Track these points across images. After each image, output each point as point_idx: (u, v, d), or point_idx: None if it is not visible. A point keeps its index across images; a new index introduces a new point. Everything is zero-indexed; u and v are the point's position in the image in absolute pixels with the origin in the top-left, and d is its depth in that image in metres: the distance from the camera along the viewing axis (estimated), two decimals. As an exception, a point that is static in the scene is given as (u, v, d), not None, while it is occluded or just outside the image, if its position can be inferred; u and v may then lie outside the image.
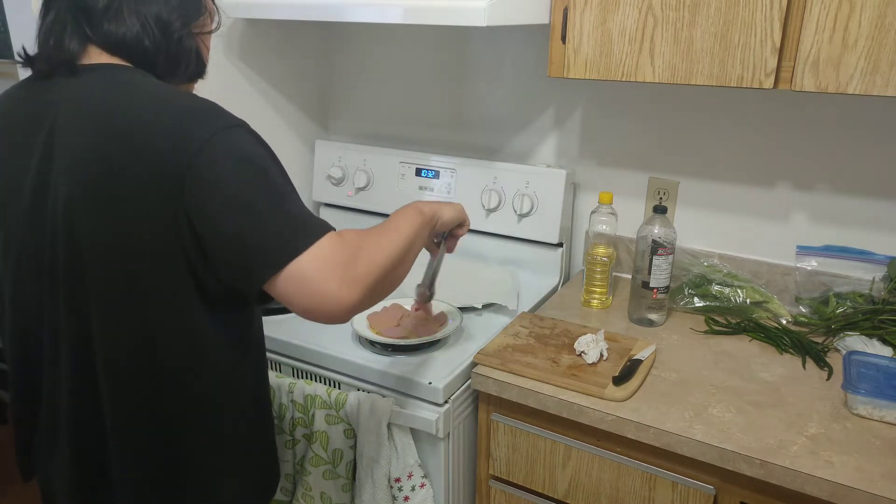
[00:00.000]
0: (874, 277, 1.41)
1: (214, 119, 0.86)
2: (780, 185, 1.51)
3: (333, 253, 0.84)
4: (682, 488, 1.13)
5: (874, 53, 1.07)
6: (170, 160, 0.82)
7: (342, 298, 0.83)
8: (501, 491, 1.33)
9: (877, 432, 1.09)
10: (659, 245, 1.40)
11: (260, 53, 1.77)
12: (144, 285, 0.88)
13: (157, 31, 0.91)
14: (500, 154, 1.83)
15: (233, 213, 0.82)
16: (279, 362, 1.39)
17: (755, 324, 1.43)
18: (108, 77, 0.89)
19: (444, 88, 1.85)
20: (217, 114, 0.87)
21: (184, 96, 0.90)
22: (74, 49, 0.89)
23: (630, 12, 1.23)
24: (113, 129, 0.85)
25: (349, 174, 1.91)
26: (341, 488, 1.31)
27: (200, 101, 0.89)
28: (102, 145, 0.84)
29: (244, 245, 0.83)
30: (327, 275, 0.83)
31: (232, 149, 0.84)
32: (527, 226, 1.68)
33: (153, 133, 0.83)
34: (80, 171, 0.86)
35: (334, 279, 0.83)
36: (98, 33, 0.90)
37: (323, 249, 0.83)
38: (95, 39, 0.90)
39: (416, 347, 1.32)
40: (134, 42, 0.90)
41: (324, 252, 0.83)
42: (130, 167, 0.83)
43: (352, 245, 0.87)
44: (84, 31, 0.89)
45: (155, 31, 0.91)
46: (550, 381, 1.21)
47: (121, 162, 0.83)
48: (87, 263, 0.88)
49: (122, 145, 0.84)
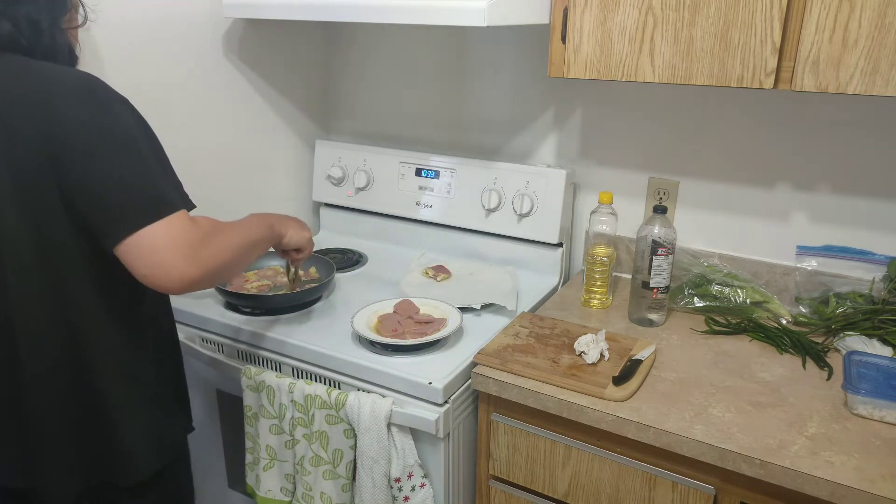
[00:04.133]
0: (874, 277, 1.41)
1: (92, 93, 0.95)
2: (780, 185, 1.51)
3: (183, 231, 0.96)
4: (682, 488, 1.13)
5: (874, 53, 1.07)
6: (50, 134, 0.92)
7: (183, 273, 0.95)
8: (501, 491, 1.33)
9: (877, 432, 1.09)
10: (659, 245, 1.40)
11: (260, 53, 1.77)
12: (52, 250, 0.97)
13: (29, 31, 0.99)
14: (500, 154, 1.83)
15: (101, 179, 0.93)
16: (279, 362, 1.39)
17: (755, 324, 1.43)
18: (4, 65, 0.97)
19: (443, 88, 1.85)
20: (98, 89, 0.96)
21: (67, 73, 0.97)
22: None
23: (630, 12, 1.23)
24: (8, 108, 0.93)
25: (349, 174, 1.91)
26: (341, 488, 1.31)
27: (81, 77, 0.97)
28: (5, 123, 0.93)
29: (102, 210, 0.94)
30: (174, 249, 0.94)
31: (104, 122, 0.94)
32: (527, 226, 1.68)
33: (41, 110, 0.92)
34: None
35: (180, 255, 0.94)
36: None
37: (174, 226, 0.95)
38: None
39: (416, 347, 1.32)
40: (9, 41, 0.98)
41: (174, 228, 0.95)
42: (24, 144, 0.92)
43: (203, 230, 1.00)
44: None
45: (26, 30, 0.99)
46: (550, 381, 1.21)
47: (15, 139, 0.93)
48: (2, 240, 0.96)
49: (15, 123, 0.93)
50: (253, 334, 1.42)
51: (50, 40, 1.01)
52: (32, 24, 0.99)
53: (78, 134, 0.93)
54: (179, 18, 1.56)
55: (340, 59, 1.99)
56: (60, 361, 1.02)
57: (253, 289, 1.54)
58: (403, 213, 1.85)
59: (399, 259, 1.80)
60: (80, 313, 1.02)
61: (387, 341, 1.31)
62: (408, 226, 1.86)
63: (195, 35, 1.60)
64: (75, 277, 1.00)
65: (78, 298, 1.01)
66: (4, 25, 0.97)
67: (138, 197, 0.94)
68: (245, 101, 1.77)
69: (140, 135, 0.98)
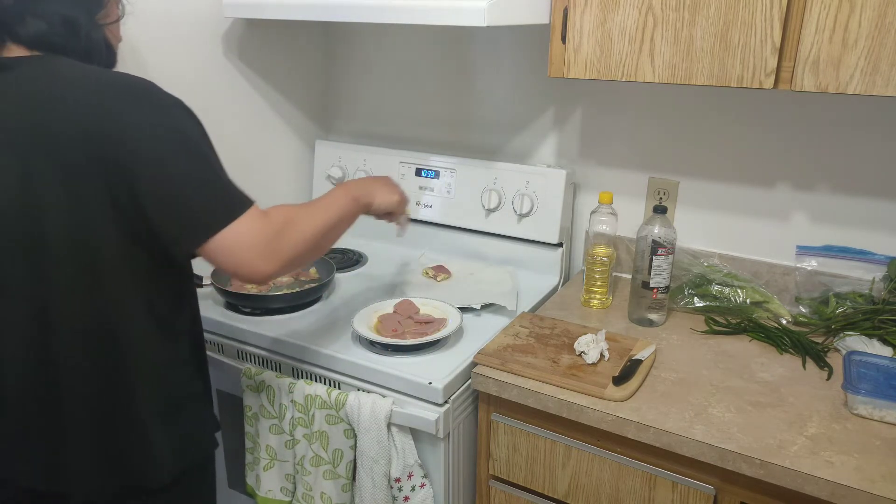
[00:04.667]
0: (874, 277, 1.41)
1: (152, 98, 0.94)
2: (780, 185, 1.51)
3: (255, 228, 0.97)
4: (682, 488, 1.13)
5: (874, 53, 1.07)
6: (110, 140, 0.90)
7: (264, 270, 0.98)
8: (501, 491, 1.33)
9: (877, 432, 1.09)
10: (659, 245, 1.40)
11: (260, 53, 1.77)
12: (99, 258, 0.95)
13: (64, 29, 0.96)
14: (500, 154, 1.83)
15: (170, 186, 0.92)
16: (279, 362, 1.39)
17: (755, 324, 1.43)
18: (42, 66, 0.94)
19: (443, 88, 1.85)
20: (155, 94, 0.95)
21: (120, 77, 0.96)
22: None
23: (630, 12, 1.23)
24: (58, 113, 0.91)
25: (349, 174, 1.91)
26: (341, 488, 1.31)
27: (136, 81, 0.95)
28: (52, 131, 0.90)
29: (180, 215, 0.94)
30: (252, 247, 0.97)
31: (168, 126, 0.93)
32: (527, 226, 1.68)
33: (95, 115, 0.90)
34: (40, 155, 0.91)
35: (255, 252, 0.97)
36: (11, 34, 0.95)
37: (248, 224, 0.96)
38: (11, 39, 0.95)
39: (416, 347, 1.32)
40: (45, 40, 0.95)
41: (248, 226, 0.96)
42: (76, 149, 0.90)
43: (276, 223, 1.00)
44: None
45: (61, 28, 0.96)
46: (550, 381, 1.21)
47: (68, 145, 0.90)
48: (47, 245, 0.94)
49: (68, 129, 0.90)
50: (253, 334, 1.42)
51: (86, 39, 0.99)
52: (67, 22, 0.96)
53: (143, 140, 0.91)
54: (179, 18, 1.56)
55: (340, 59, 1.99)
56: (96, 365, 1.00)
57: (253, 289, 1.54)
58: (403, 213, 1.85)
59: (399, 259, 1.80)
60: (119, 318, 1.00)
61: (387, 341, 1.31)
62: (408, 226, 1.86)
63: (195, 35, 1.60)
64: (118, 282, 0.98)
65: (119, 303, 0.99)
66: (38, 25, 0.94)
67: (215, 198, 0.96)
68: (245, 101, 1.77)
69: (201, 136, 0.97)
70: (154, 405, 1.06)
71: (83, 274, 0.96)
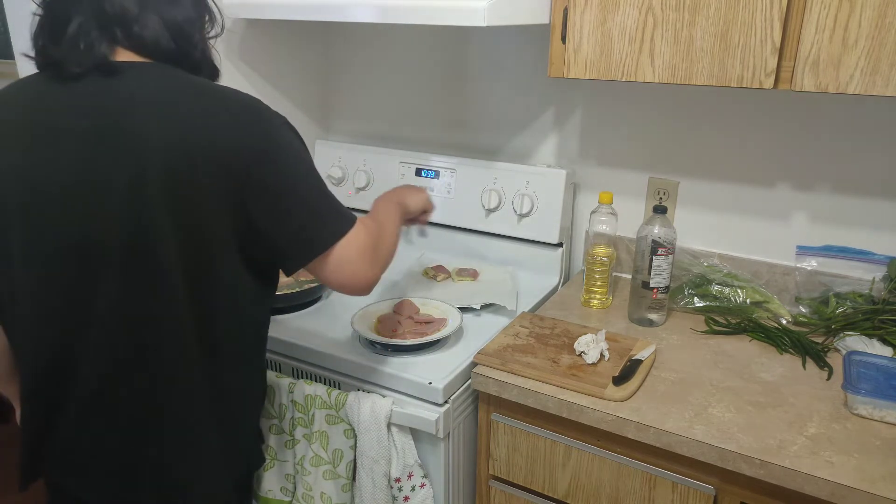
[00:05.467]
0: (874, 277, 1.41)
1: (268, 116, 0.96)
2: (780, 185, 1.51)
3: (363, 239, 1.01)
4: (682, 488, 1.13)
5: (874, 53, 1.07)
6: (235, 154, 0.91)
7: (371, 276, 1.03)
8: (501, 491, 1.33)
9: (877, 432, 1.09)
10: (659, 245, 1.40)
11: (260, 53, 1.77)
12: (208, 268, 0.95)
13: (182, 39, 0.96)
14: (500, 154, 1.83)
15: (289, 203, 0.95)
16: (279, 362, 1.39)
17: (755, 324, 1.43)
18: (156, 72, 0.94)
19: (444, 88, 1.85)
20: (268, 111, 0.97)
21: (233, 92, 0.97)
22: (105, 52, 0.92)
23: (630, 12, 1.23)
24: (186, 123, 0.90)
25: (349, 174, 1.91)
26: (341, 488, 1.31)
27: (252, 100, 0.97)
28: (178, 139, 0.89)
29: (297, 232, 0.97)
30: (361, 257, 1.01)
31: (285, 143, 0.96)
32: (527, 226, 1.68)
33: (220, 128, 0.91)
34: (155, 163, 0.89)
35: (366, 261, 1.01)
36: (129, 38, 0.93)
37: (357, 236, 1.00)
38: (126, 43, 0.93)
39: (416, 347, 1.32)
40: (163, 48, 0.95)
41: (357, 238, 1.00)
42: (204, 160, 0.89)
43: (373, 233, 1.05)
44: (114, 35, 0.93)
45: (179, 38, 0.96)
46: (550, 381, 1.21)
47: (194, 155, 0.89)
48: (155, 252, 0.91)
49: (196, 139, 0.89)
50: (253, 334, 1.42)
51: (201, 53, 1.00)
52: (186, 34, 0.97)
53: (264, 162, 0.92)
54: (179, 18, 1.56)
55: (340, 59, 1.99)
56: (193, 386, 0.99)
57: None
58: (403, 213, 1.85)
59: (399, 259, 1.79)
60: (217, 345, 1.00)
61: (387, 341, 1.31)
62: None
63: (195, 35, 1.60)
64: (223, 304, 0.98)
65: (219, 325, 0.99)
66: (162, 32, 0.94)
67: (329, 214, 0.99)
68: (245, 101, 1.77)
69: (307, 153, 1.00)
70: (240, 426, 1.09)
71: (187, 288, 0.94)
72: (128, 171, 0.89)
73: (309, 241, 0.97)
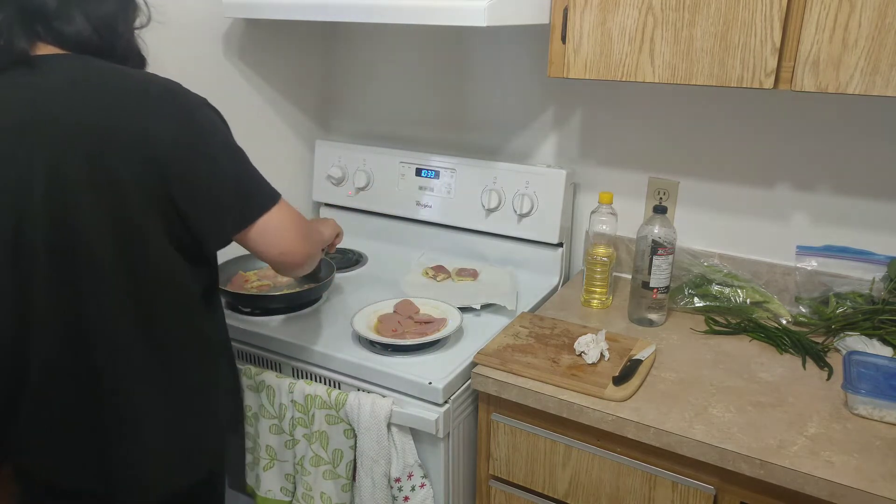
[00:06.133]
0: (874, 277, 1.41)
1: (187, 99, 0.98)
2: (780, 185, 1.51)
3: (292, 212, 1.05)
4: (682, 488, 1.13)
5: (874, 53, 1.07)
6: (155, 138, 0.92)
7: (307, 248, 1.06)
8: (501, 491, 1.33)
9: (877, 432, 1.09)
10: (659, 245, 1.40)
11: (260, 53, 1.77)
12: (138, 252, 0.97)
13: (107, 32, 0.98)
14: (500, 154, 1.83)
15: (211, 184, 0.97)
16: (279, 362, 1.39)
17: (755, 324, 1.43)
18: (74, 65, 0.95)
19: (444, 88, 1.85)
20: (187, 94, 0.98)
21: (150, 77, 0.98)
22: (24, 47, 0.94)
23: (630, 12, 1.23)
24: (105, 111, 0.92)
25: (349, 174, 1.91)
26: (341, 488, 1.31)
27: (170, 83, 0.98)
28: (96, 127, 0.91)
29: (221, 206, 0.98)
30: (293, 227, 1.04)
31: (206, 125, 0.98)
32: (527, 226, 1.68)
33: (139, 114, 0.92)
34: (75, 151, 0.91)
35: (295, 234, 1.04)
36: (50, 33, 0.95)
37: (283, 209, 1.03)
38: (47, 38, 0.95)
39: (416, 347, 1.32)
40: (85, 41, 0.96)
41: (284, 211, 1.04)
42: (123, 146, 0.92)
43: (301, 215, 1.08)
44: (35, 31, 0.95)
45: (103, 31, 0.97)
46: (550, 381, 1.21)
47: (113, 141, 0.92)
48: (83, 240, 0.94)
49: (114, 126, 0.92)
50: (253, 334, 1.42)
51: (126, 43, 1.02)
52: (110, 26, 0.98)
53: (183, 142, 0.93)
54: (179, 18, 1.56)
55: (340, 59, 1.99)
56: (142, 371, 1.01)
57: (253, 289, 1.54)
58: (403, 213, 1.85)
59: (399, 259, 1.80)
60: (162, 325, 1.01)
61: (387, 341, 1.31)
62: (408, 226, 1.86)
63: (195, 35, 1.60)
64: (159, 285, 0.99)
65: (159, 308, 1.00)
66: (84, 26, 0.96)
67: (253, 188, 1.01)
68: (245, 101, 1.77)
69: (229, 132, 1.02)
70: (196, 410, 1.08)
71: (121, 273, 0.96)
72: (48, 161, 0.92)
73: (235, 216, 0.99)
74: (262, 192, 1.02)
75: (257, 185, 1.02)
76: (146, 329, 1.00)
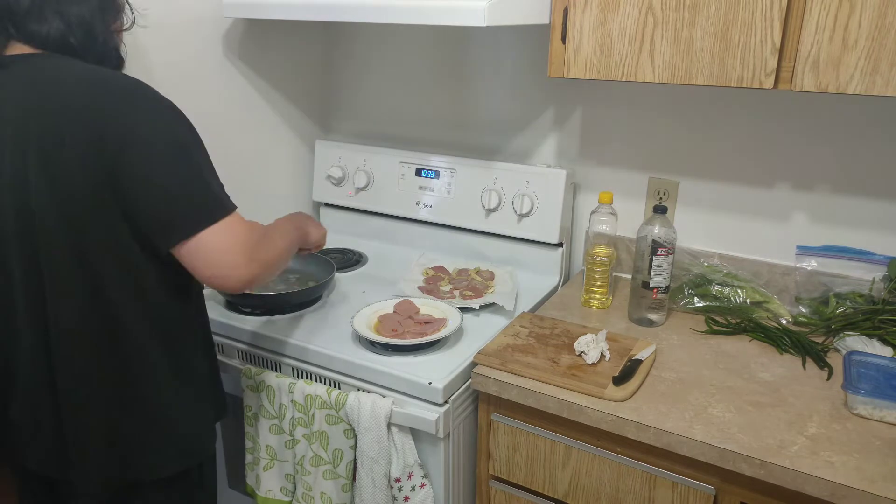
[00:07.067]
0: (874, 277, 1.41)
1: (148, 99, 0.96)
2: (780, 185, 1.51)
3: (241, 232, 0.98)
4: (682, 488, 1.13)
5: (874, 53, 1.07)
6: (110, 137, 0.91)
7: (244, 272, 0.98)
8: (501, 491, 1.33)
9: (877, 432, 1.09)
10: (659, 245, 1.40)
11: (260, 53, 1.77)
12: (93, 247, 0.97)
13: (82, 33, 0.98)
14: (500, 154, 1.83)
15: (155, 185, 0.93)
16: (279, 362, 1.39)
17: (755, 324, 1.43)
18: (44, 64, 0.96)
19: (443, 88, 1.85)
20: (150, 96, 0.96)
21: (116, 76, 0.97)
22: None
23: (630, 12, 1.23)
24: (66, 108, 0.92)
25: (349, 174, 1.91)
26: (341, 488, 1.31)
27: (131, 81, 0.97)
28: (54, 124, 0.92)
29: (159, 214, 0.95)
30: (235, 250, 0.97)
31: (161, 128, 0.95)
32: (527, 226, 1.68)
33: (98, 112, 0.92)
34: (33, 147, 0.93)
35: (241, 255, 0.97)
36: (23, 32, 0.96)
37: (232, 228, 0.97)
38: (20, 38, 0.96)
39: (416, 347, 1.32)
40: (60, 41, 0.96)
41: (231, 228, 0.97)
42: (77, 142, 0.92)
43: (257, 231, 1.03)
44: (7, 30, 0.95)
45: (78, 31, 0.97)
46: (550, 381, 1.21)
47: (66, 137, 0.92)
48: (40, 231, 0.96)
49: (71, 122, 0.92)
50: (253, 334, 1.42)
51: (102, 44, 1.01)
52: (85, 26, 0.98)
53: (132, 140, 0.92)
54: (179, 18, 1.56)
55: (340, 59, 1.99)
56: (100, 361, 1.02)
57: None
58: (403, 213, 1.85)
59: (399, 259, 1.80)
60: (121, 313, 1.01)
61: (387, 341, 1.31)
62: (408, 226, 1.86)
63: (195, 35, 1.60)
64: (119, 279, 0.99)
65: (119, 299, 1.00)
66: (57, 25, 0.96)
67: (197, 200, 0.96)
68: (245, 101, 1.77)
69: (190, 139, 0.98)
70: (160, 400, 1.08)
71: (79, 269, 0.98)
72: (9, 158, 0.94)
73: (175, 223, 0.95)
74: (206, 205, 0.96)
75: (201, 198, 0.96)
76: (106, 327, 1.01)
